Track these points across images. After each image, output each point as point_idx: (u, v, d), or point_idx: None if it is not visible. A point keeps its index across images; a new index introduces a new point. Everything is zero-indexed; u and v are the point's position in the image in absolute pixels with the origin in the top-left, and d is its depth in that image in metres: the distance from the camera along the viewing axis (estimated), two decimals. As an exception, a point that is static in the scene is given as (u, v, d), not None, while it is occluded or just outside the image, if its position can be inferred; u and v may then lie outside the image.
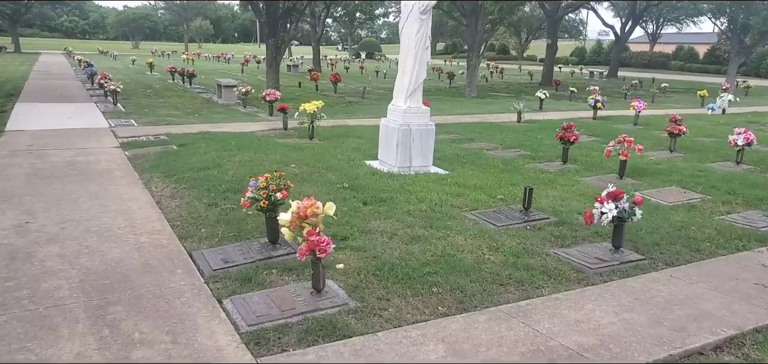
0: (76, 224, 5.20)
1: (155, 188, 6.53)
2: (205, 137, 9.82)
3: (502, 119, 14.22)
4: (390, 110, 7.95)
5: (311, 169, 7.47)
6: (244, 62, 35.94)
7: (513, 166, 8.28)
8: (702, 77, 43.62)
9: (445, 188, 6.75)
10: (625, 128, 13.11)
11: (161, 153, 8.40)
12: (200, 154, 8.21)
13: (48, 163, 7.64)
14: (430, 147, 7.87)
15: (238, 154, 8.22)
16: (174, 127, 11.05)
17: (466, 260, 4.53)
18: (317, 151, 8.71)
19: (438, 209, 5.87)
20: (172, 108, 14.61)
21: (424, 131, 7.77)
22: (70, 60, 37.17)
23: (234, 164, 7.57)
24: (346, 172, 7.35)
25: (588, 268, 4.56)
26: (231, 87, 16.16)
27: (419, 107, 7.76)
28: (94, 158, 8.07)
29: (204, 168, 7.26)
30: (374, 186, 6.63)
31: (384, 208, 5.85)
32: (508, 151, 9.61)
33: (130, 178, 7.03)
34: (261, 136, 10.18)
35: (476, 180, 7.22)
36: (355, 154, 8.60)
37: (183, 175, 6.96)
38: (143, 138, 9.78)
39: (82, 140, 9.42)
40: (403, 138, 7.59)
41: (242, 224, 5.24)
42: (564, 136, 8.58)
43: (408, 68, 7.59)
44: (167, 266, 4.30)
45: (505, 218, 5.72)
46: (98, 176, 7.03)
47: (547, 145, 10.22)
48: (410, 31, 7.51)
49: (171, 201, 6.02)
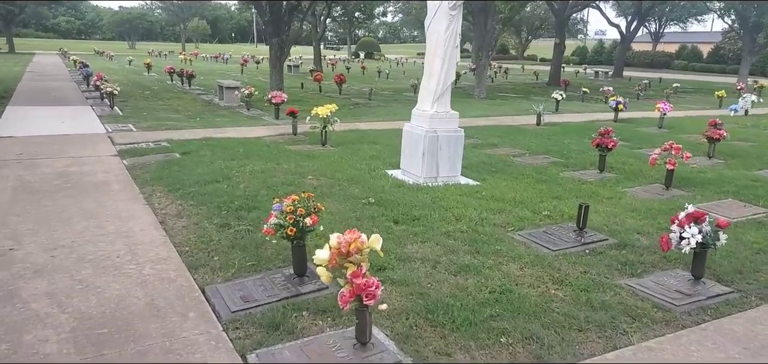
0: (69, 251, 4.49)
1: (158, 205, 5.81)
2: (210, 144, 9.10)
3: (520, 122, 13.53)
4: (414, 115, 7.25)
5: (330, 181, 6.77)
6: (243, 62, 35.17)
7: (547, 176, 7.59)
8: (708, 77, 43.06)
9: (482, 202, 6.06)
10: (650, 132, 12.47)
11: (163, 162, 7.68)
12: (206, 164, 7.50)
13: (38, 175, 6.91)
14: (458, 155, 7.19)
15: (247, 164, 7.50)
16: (175, 133, 10.33)
17: (531, 298, 3.83)
18: (333, 160, 8.01)
19: (480, 230, 5.17)
20: (172, 111, 13.87)
21: (453, 138, 7.08)
22: (66, 60, 36.33)
23: (244, 176, 6.86)
24: (368, 184, 6.64)
25: (673, 305, 3.86)
26: (233, 89, 15.44)
27: (447, 112, 7.07)
28: (89, 169, 7.35)
29: (212, 181, 6.55)
30: (403, 201, 5.93)
31: (419, 228, 5.15)
32: (537, 158, 8.92)
33: (129, 192, 6.31)
34: (269, 143, 9.47)
35: (513, 192, 6.52)
36: (374, 163, 7.90)
37: (189, 189, 6.24)
38: (143, 145, 9.05)
39: (77, 148, 8.69)
40: (430, 146, 6.90)
41: (261, 249, 4.54)
42: (601, 143, 7.89)
43: (435, 69, 6.90)
44: (177, 308, 3.60)
45: (559, 240, 5.03)
46: (94, 190, 6.31)
47: (576, 151, 9.54)
48: (438, 29, 6.82)
49: (177, 221, 5.31)
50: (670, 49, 54.06)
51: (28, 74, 23.99)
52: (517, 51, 72.79)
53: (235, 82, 15.99)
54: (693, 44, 53.74)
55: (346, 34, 67.62)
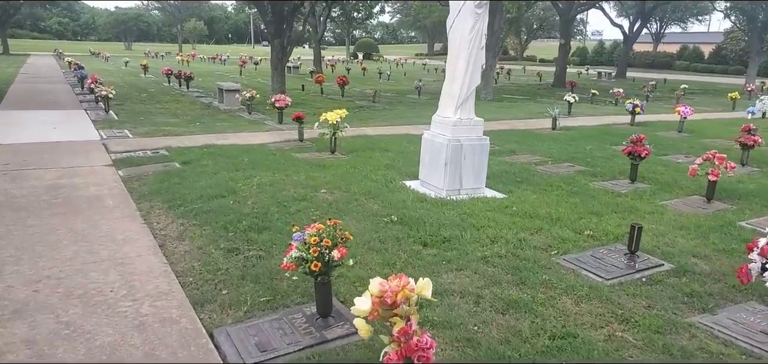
0: (55, 284, 3.90)
1: (157, 224, 5.22)
2: (211, 151, 8.51)
3: (534, 125, 12.99)
4: (435, 122, 6.68)
5: (346, 195, 6.19)
6: (241, 63, 34.55)
7: (578, 187, 7.03)
8: (711, 78, 42.63)
9: (515, 220, 5.49)
10: (670, 136, 11.95)
11: (162, 173, 7.09)
12: (208, 175, 6.91)
13: (25, 189, 6.31)
14: (483, 166, 6.62)
15: (253, 175, 6.92)
16: (174, 139, 9.73)
17: (598, 344, 3.27)
18: (345, 170, 7.43)
19: (521, 254, 4.60)
20: (170, 115, 13.27)
21: (478, 147, 6.52)
22: (60, 62, 35.65)
23: (251, 189, 6.27)
24: (387, 198, 6.07)
25: (763, 351, 3.31)
26: (233, 91, 14.84)
27: (471, 119, 6.51)
28: (81, 181, 6.75)
29: (216, 195, 5.96)
30: (428, 219, 5.36)
31: (452, 252, 4.58)
32: (561, 167, 8.36)
33: (125, 208, 5.72)
34: (275, 150, 8.89)
35: (547, 207, 5.96)
36: (389, 174, 7.33)
37: (191, 205, 5.66)
38: (140, 153, 8.46)
39: (69, 157, 8.10)
40: (454, 156, 6.34)
41: (276, 281, 3.96)
42: (633, 151, 7.34)
43: (459, 73, 6.33)
44: (182, 359, 3.02)
45: (610, 266, 4.46)
46: (86, 207, 5.72)
47: (601, 158, 9.00)
48: (462, 29, 6.25)
49: (178, 244, 4.72)
50: (671, 50, 53.64)
51: (21, 76, 23.35)
52: (517, 52, 72.39)
53: (236, 85, 15.40)
54: (694, 45, 53.34)
55: (345, 34, 66.96)
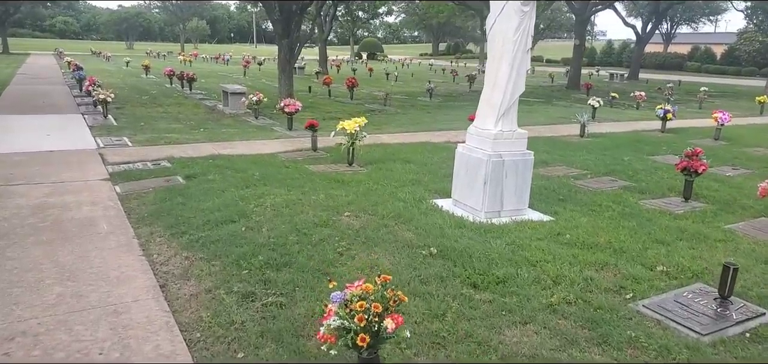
0: (31, 343, 3.17)
1: (158, 256, 4.48)
2: (218, 164, 7.77)
3: (560, 132, 12.23)
4: (472, 135, 5.93)
5: (372, 218, 5.43)
6: (245, 64, 33.82)
7: (629, 207, 6.27)
8: (725, 79, 41.76)
9: (573, 251, 4.73)
10: (707, 144, 11.17)
11: (164, 191, 6.34)
12: (216, 194, 6.16)
13: (9, 210, 5.57)
14: (527, 184, 5.87)
15: (266, 193, 6.16)
16: (177, 148, 8.99)
17: None
18: (368, 187, 6.67)
19: (592, 299, 3.84)
20: (172, 120, 12.53)
21: (521, 163, 5.77)
22: (60, 62, 34.97)
23: (266, 212, 5.52)
24: (421, 223, 5.31)
25: None
26: (239, 94, 14.09)
27: (514, 131, 5.75)
28: (73, 199, 6.01)
29: (225, 220, 5.21)
30: (473, 251, 4.60)
31: (511, 299, 3.82)
32: (603, 181, 7.60)
33: (121, 234, 4.98)
34: (287, 162, 8.14)
35: (603, 234, 5.19)
36: (417, 191, 6.57)
37: (197, 233, 4.91)
38: (139, 165, 7.72)
39: (61, 169, 7.36)
40: (494, 173, 5.58)
41: (302, 341, 3.22)
42: (689, 167, 6.58)
43: (501, 79, 5.57)
44: None
45: (702, 315, 3.70)
46: (77, 233, 4.98)
47: (642, 171, 8.23)
48: (505, 29, 5.50)
49: (183, 285, 3.98)
50: (682, 51, 52.74)
51: (18, 77, 22.65)
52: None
53: (241, 87, 14.65)
54: (706, 45, 52.41)
55: (349, 34, 66.15)
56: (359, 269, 4.22)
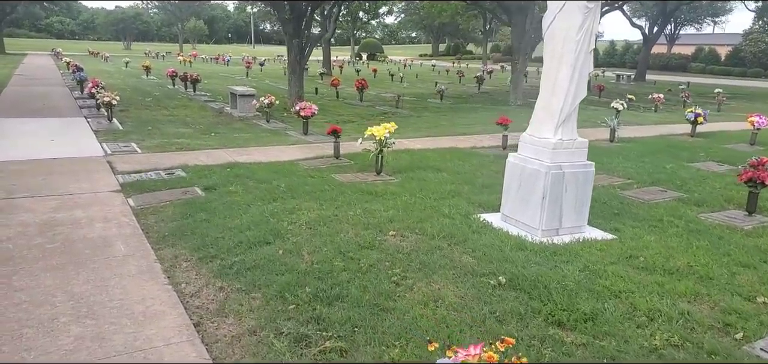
0: (49, 407, 2.60)
1: (187, 286, 3.92)
2: (237, 173, 7.20)
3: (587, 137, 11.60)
4: (526, 144, 5.38)
5: (421, 238, 4.87)
6: (247, 65, 33.21)
7: (693, 223, 5.73)
8: (731, 81, 41.36)
9: (655, 279, 4.18)
10: (743, 150, 10.67)
11: (183, 205, 5.77)
12: (241, 209, 5.59)
13: (13, 228, 5.00)
14: (587, 199, 5.33)
15: (297, 208, 5.60)
16: (189, 155, 8.42)
17: None
18: (405, 200, 6.11)
19: (698, 341, 3.30)
20: (180, 123, 11.96)
21: (582, 176, 5.23)
22: (58, 62, 34.29)
23: (301, 230, 4.95)
24: (476, 244, 4.75)
25: None
26: (248, 97, 13.53)
27: (574, 140, 5.22)
28: (83, 215, 5.44)
29: (258, 241, 4.64)
30: (546, 279, 4.04)
31: (607, 342, 3.27)
32: (651, 192, 7.06)
33: (141, 258, 4.41)
34: (311, 171, 7.58)
35: (680, 257, 4.65)
36: (459, 204, 6.01)
37: (228, 256, 4.34)
38: (152, 174, 7.14)
39: (68, 179, 6.78)
40: (554, 187, 5.04)
41: (379, 401, 2.66)
42: (755, 177, 6.05)
43: (561, 82, 5.03)
44: None
45: (835, 363, 3.16)
46: (90, 256, 4.41)
47: (690, 180, 7.70)
48: (566, 27, 4.96)
49: (221, 323, 3.42)
50: (686, 52, 52.34)
51: (16, 78, 21.99)
52: (525, 53, 70.92)
53: (250, 90, 14.08)
54: (710, 46, 51.99)
55: (349, 35, 65.60)
56: (421, 302, 3.67)
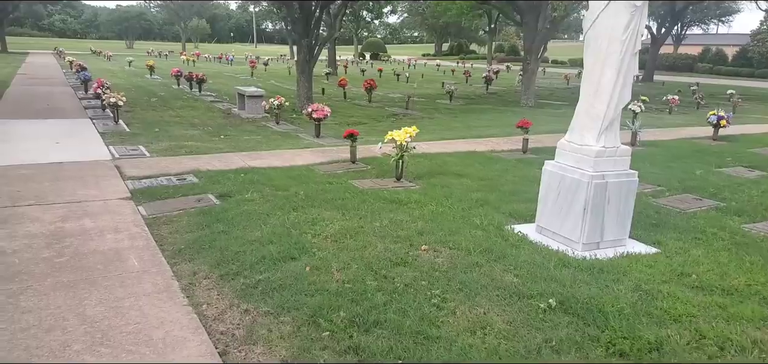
0: None
1: (209, 308, 3.60)
2: (252, 179, 6.88)
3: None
4: (565, 151, 5.06)
5: (456, 253, 4.54)
6: (252, 64, 32.89)
7: (736, 235, 5.40)
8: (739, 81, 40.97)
9: (713, 299, 3.85)
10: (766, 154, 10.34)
11: (198, 215, 5.46)
12: (260, 219, 5.27)
13: (19, 240, 4.69)
14: (630, 211, 5.00)
15: (319, 219, 5.28)
16: (201, 159, 8.11)
17: None
18: (431, 209, 5.79)
19: (784, 376, 2.98)
20: (188, 125, 11.65)
21: (625, 186, 4.90)
22: (61, 61, 34.02)
23: (328, 245, 4.63)
24: (517, 261, 4.42)
25: None
26: (257, 98, 13.22)
27: (617, 147, 4.88)
28: (93, 225, 5.12)
29: (282, 257, 4.32)
30: (600, 303, 3.71)
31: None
32: (686, 200, 6.73)
33: (157, 274, 4.10)
34: (328, 176, 7.26)
35: (736, 275, 4.32)
36: (489, 214, 5.69)
37: (252, 274, 4.03)
38: (163, 180, 6.83)
39: (75, 184, 6.47)
40: (596, 198, 4.71)
41: None
42: (801, 186, 5.72)
43: (605, 86, 4.71)
44: None
45: None
46: (102, 271, 4.10)
47: (725, 188, 7.38)
48: (611, 28, 4.63)
49: (249, 352, 3.10)
50: (692, 52, 51.93)
51: (18, 77, 21.70)
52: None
53: (259, 90, 13.76)
54: (717, 46, 51.57)
55: (353, 34, 65.24)
56: (467, 329, 3.35)
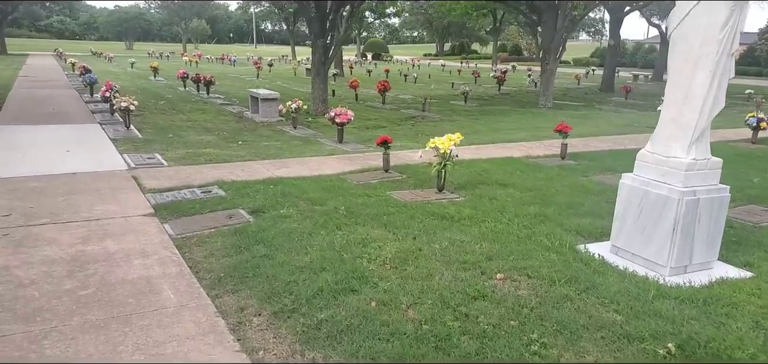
0: None
1: (266, 355, 3.06)
2: (283, 191, 6.34)
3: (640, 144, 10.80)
4: (647, 163, 4.55)
5: (539, 284, 3.99)
6: (256, 65, 32.33)
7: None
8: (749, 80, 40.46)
9: None
10: (816, 158, 9.80)
11: (232, 235, 4.91)
12: (304, 239, 4.73)
13: (36, 268, 4.14)
14: (720, 230, 4.47)
15: (369, 240, 4.74)
16: (222, 168, 7.57)
17: None
18: (488, 226, 5.25)
19: None
20: (201, 130, 11.10)
21: (717, 202, 4.37)
22: (62, 62, 33.43)
23: (389, 273, 4.09)
24: (609, 292, 3.86)
25: None
26: (272, 101, 12.68)
27: (708, 160, 4.35)
28: (117, 248, 4.58)
29: (341, 288, 3.78)
30: (719, 345, 3.19)
31: None
32: (755, 212, 6.20)
33: (198, 311, 3.55)
34: (363, 187, 6.72)
35: None
36: (554, 232, 5.15)
37: (311, 312, 3.48)
38: (186, 192, 6.29)
39: (92, 198, 5.93)
40: (687, 216, 4.19)
41: None
42: None
43: (697, 91, 4.18)
44: None
45: None
46: (135, 308, 3.56)
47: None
48: (705, 26, 4.10)
49: (329, 419, 2.56)
50: (698, 51, 51.27)
51: (20, 80, 21.11)
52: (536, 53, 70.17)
53: (273, 93, 13.21)
54: (723, 45, 50.93)
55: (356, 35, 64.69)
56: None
